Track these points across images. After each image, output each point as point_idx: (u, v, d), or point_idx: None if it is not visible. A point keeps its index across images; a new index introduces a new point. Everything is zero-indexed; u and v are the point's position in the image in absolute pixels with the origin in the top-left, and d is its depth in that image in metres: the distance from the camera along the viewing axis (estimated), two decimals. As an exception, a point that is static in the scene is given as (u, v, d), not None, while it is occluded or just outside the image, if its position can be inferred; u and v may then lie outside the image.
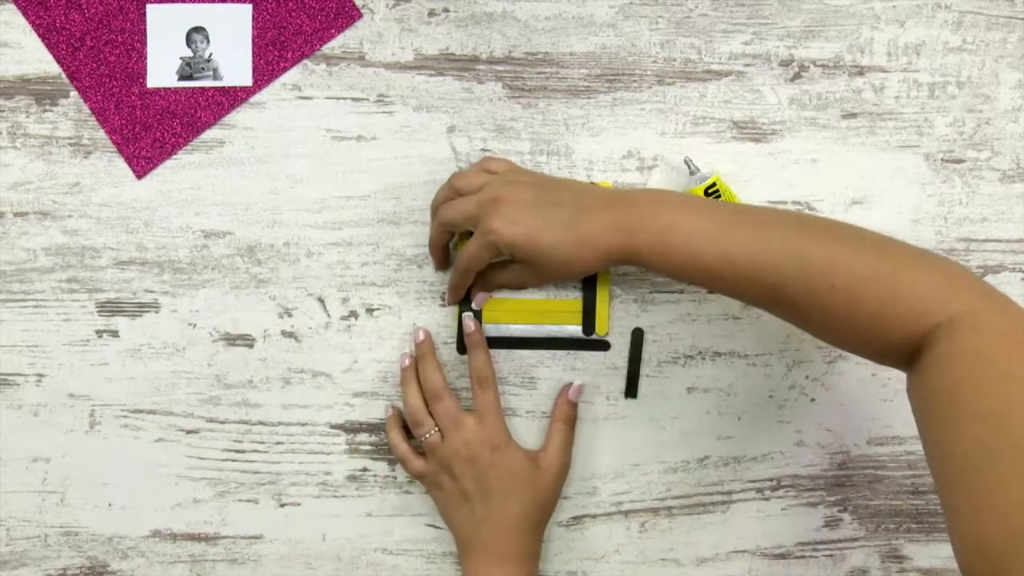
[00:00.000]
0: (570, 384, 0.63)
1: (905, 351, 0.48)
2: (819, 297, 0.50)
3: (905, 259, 0.49)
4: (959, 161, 0.65)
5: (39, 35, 0.63)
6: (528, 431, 0.65)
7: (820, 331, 0.52)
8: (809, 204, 0.65)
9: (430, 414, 0.61)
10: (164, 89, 0.63)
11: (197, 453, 0.64)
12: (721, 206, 0.54)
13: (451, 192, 0.59)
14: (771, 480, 0.65)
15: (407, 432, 0.63)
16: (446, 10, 0.64)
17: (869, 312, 0.49)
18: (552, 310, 0.64)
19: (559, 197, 0.55)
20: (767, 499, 0.65)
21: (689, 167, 0.63)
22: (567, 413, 0.63)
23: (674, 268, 0.53)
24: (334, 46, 0.64)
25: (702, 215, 0.52)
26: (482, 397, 0.61)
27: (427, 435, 0.60)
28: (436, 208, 0.60)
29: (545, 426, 0.64)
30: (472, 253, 0.57)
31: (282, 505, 0.65)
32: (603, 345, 0.64)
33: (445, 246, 0.61)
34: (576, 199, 0.55)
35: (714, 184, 0.62)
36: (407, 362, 0.63)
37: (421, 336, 0.62)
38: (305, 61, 0.64)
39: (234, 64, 0.63)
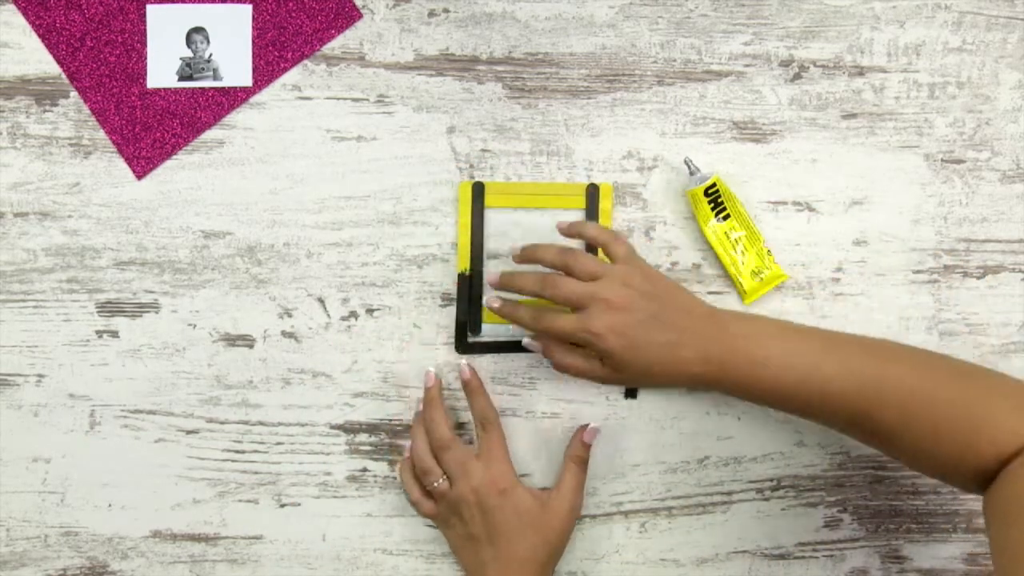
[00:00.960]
0: (586, 426, 0.63)
1: (987, 477, 0.50)
2: (900, 429, 0.52)
3: (986, 389, 0.51)
4: (959, 161, 0.65)
5: (39, 35, 0.63)
6: (527, 431, 0.65)
7: (902, 458, 0.55)
8: (809, 204, 0.65)
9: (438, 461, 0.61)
10: (164, 89, 0.63)
11: (197, 453, 0.64)
12: (811, 339, 0.56)
13: (559, 259, 0.58)
14: (771, 480, 0.65)
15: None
16: (446, 10, 0.64)
17: (951, 445, 0.51)
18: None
19: (666, 317, 0.56)
20: (767, 499, 0.65)
21: (689, 167, 0.63)
22: (580, 455, 0.63)
23: (758, 399, 0.57)
24: (334, 46, 0.64)
25: (792, 353, 0.55)
26: (486, 439, 0.61)
27: (435, 483, 0.60)
28: (531, 254, 0.59)
29: (544, 426, 0.64)
30: (565, 332, 0.56)
31: (282, 505, 0.65)
32: (603, 345, 0.64)
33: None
34: (681, 322, 0.56)
35: (714, 184, 0.62)
36: (431, 382, 0.62)
37: (431, 381, 0.62)
38: (305, 61, 0.64)
39: (234, 64, 0.63)
